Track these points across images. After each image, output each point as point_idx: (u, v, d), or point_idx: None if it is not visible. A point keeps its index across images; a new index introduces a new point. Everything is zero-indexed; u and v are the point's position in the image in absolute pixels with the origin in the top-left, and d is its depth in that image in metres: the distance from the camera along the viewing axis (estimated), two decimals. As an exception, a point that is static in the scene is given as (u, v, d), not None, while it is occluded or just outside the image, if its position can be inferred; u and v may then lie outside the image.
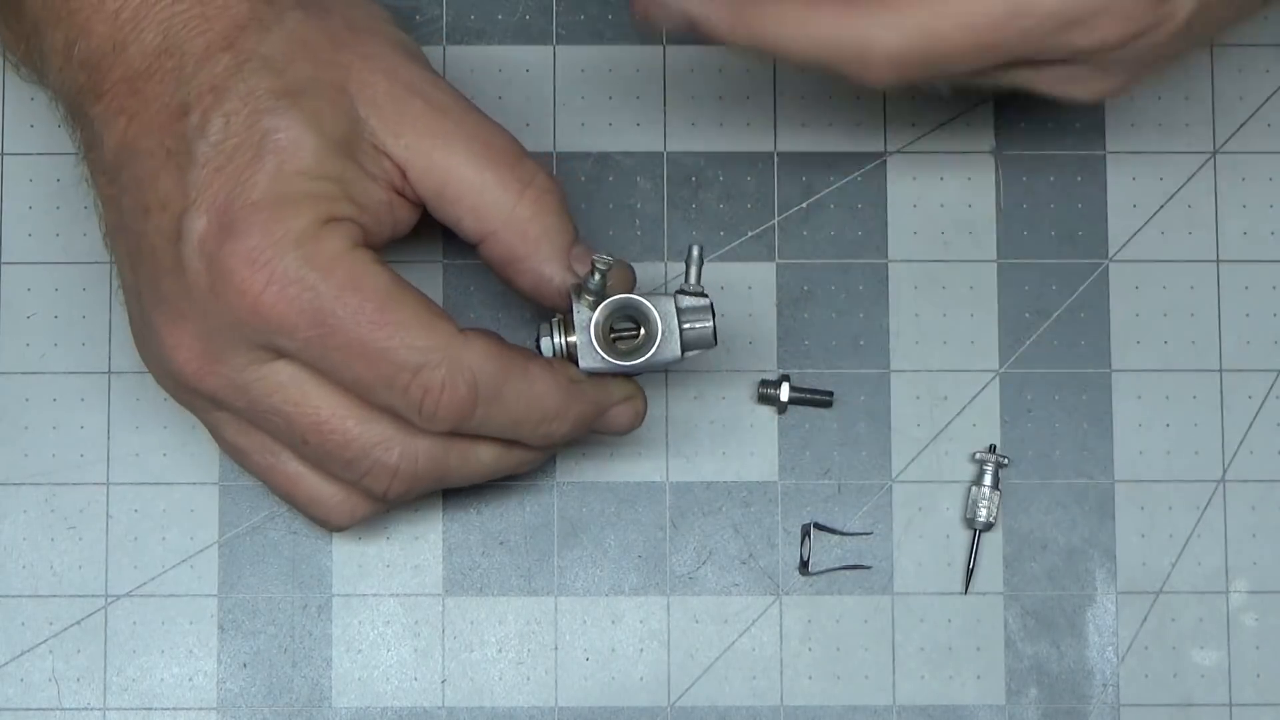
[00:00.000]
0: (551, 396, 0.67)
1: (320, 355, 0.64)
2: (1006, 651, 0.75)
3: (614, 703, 0.75)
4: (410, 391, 0.64)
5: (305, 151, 0.64)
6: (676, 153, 0.76)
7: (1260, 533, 0.76)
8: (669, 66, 0.77)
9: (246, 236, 0.63)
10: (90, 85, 0.65)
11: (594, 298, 0.67)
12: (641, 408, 0.70)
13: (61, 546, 0.75)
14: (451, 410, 0.65)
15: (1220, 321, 0.76)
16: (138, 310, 0.67)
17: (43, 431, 0.75)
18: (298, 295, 0.63)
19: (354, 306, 0.64)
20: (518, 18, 0.77)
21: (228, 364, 0.65)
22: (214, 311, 0.64)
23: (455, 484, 0.68)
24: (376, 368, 0.64)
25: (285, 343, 0.64)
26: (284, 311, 0.63)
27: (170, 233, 0.64)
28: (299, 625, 0.75)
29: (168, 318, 0.65)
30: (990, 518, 0.75)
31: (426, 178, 0.67)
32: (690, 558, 0.75)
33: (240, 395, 0.65)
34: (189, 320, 0.64)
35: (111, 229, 0.67)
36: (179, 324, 0.65)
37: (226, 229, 0.63)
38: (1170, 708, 0.75)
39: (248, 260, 0.63)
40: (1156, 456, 0.76)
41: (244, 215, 0.63)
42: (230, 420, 0.67)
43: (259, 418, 0.66)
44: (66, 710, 0.74)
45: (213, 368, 0.65)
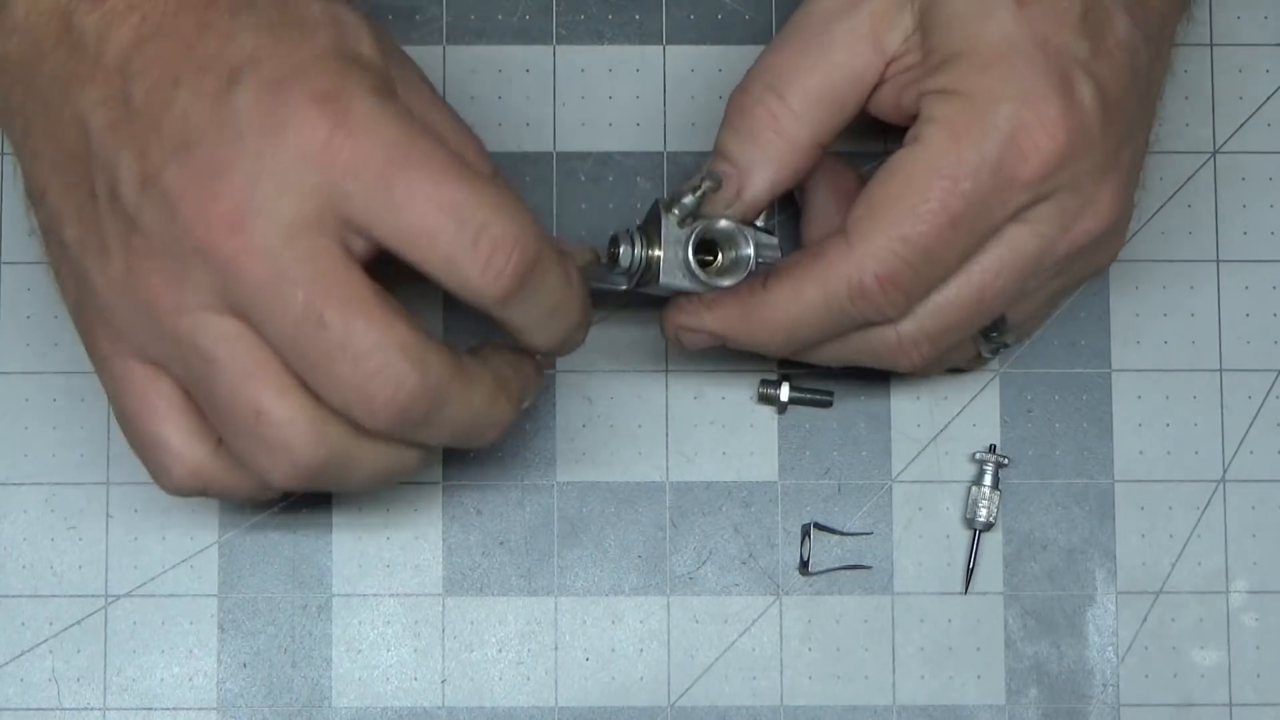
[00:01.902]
0: (574, 283, 0.65)
1: (386, 199, 0.61)
2: (1006, 651, 0.75)
3: (614, 703, 0.75)
4: (481, 243, 0.61)
5: (365, 36, 0.63)
6: (676, 153, 0.76)
7: (1260, 533, 0.76)
8: (669, 66, 0.77)
9: (318, 78, 0.61)
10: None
11: (684, 214, 0.68)
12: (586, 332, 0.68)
13: (61, 546, 0.75)
14: (519, 268, 0.62)
15: (1220, 321, 0.76)
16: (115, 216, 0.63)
17: (43, 431, 0.75)
18: (374, 130, 0.61)
19: (429, 148, 0.61)
20: (518, 18, 0.77)
21: (265, 219, 0.61)
22: (269, 156, 0.61)
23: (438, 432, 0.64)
24: (448, 213, 0.61)
25: (350, 185, 0.61)
26: (360, 147, 0.61)
27: (214, 90, 0.61)
28: (299, 625, 0.75)
29: (200, 175, 0.61)
30: (990, 518, 0.75)
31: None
32: (690, 558, 0.75)
33: (265, 260, 0.61)
34: (232, 171, 0.61)
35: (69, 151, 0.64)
36: (217, 177, 0.61)
37: (293, 75, 0.61)
38: (1170, 708, 0.75)
39: (321, 97, 0.61)
40: (1156, 456, 0.76)
41: (311, 64, 0.61)
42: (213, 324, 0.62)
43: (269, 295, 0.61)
44: (66, 710, 0.74)
45: (248, 223, 0.61)
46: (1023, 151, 0.65)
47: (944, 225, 0.65)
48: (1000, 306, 0.68)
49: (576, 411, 0.75)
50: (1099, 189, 0.66)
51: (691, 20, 0.77)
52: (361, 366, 0.61)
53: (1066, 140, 0.65)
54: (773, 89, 0.68)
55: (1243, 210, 0.77)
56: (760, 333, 0.68)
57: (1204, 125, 0.77)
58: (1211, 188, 0.77)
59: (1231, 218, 0.77)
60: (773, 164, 0.68)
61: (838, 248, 0.66)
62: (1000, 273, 0.67)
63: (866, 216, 0.66)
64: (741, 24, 0.77)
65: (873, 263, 0.65)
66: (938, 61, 0.66)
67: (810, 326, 0.68)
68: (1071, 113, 0.65)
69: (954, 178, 0.65)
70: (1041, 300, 0.70)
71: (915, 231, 0.65)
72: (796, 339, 0.68)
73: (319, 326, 0.61)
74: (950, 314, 0.67)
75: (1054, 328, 0.76)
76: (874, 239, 0.66)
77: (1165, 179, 0.77)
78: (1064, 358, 0.76)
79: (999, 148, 0.65)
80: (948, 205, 0.65)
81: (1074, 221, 0.66)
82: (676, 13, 0.77)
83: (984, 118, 0.65)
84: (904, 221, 0.65)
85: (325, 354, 0.61)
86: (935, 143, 0.65)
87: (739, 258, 0.69)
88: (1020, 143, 0.65)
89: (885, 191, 0.66)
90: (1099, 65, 0.65)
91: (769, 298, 0.67)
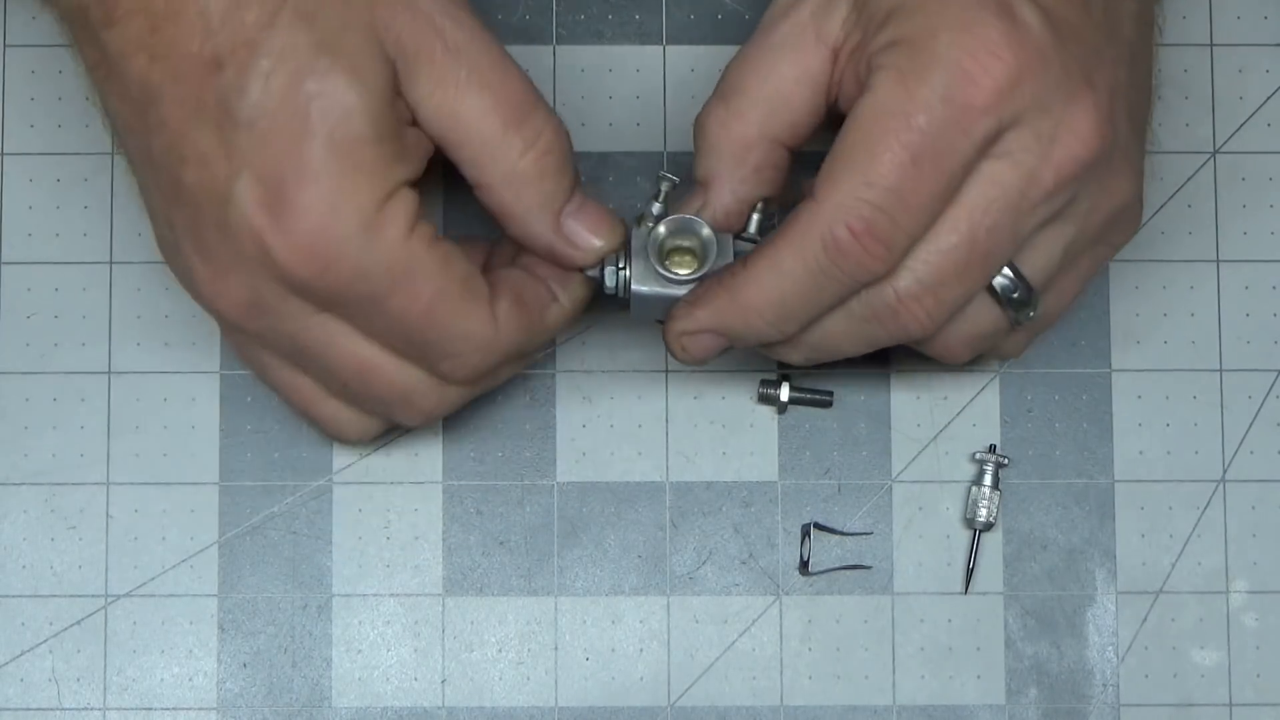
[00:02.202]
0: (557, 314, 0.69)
1: (366, 323, 0.66)
2: (1006, 651, 0.75)
3: (614, 703, 0.75)
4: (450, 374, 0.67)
5: (355, 117, 0.63)
6: (676, 153, 0.76)
7: (1260, 533, 0.76)
8: (669, 66, 0.77)
9: (306, 218, 0.63)
10: (98, 5, 0.64)
11: (654, 223, 0.68)
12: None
13: (61, 546, 0.75)
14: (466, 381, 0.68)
15: (1220, 321, 0.76)
16: (170, 237, 0.66)
17: (43, 431, 0.75)
18: (354, 282, 0.64)
19: (408, 299, 0.65)
20: (518, 18, 0.77)
21: (274, 314, 0.65)
22: (263, 274, 0.64)
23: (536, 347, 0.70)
24: (420, 348, 0.66)
25: (336, 310, 0.65)
26: (339, 291, 0.64)
27: (215, 192, 0.63)
28: (299, 625, 0.75)
29: (211, 267, 0.65)
30: (990, 518, 0.75)
31: (433, 122, 0.66)
32: (690, 558, 0.75)
33: (285, 340, 0.66)
34: (235, 273, 0.64)
35: (137, 152, 0.66)
36: (224, 276, 0.65)
37: (283, 205, 0.63)
38: (1170, 708, 0.75)
39: (306, 244, 0.63)
40: (1156, 456, 0.76)
41: (300, 192, 0.63)
42: (267, 356, 0.68)
43: (301, 358, 0.67)
44: (66, 710, 0.74)
45: (258, 317, 0.65)
46: (971, 76, 0.64)
47: (906, 163, 0.64)
48: (999, 251, 0.66)
49: (576, 411, 0.75)
50: (1071, 109, 0.65)
51: (691, 20, 0.77)
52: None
53: (1014, 58, 0.64)
54: (722, 100, 0.69)
55: (1243, 210, 0.77)
56: (751, 314, 0.67)
57: (1204, 125, 0.77)
58: (1211, 188, 0.77)
59: (1231, 218, 0.77)
60: (728, 167, 0.69)
61: (806, 208, 0.65)
62: (987, 210, 0.65)
63: (829, 171, 0.65)
64: (741, 24, 0.77)
65: (842, 214, 0.64)
66: (879, 22, 0.66)
67: (797, 297, 0.66)
68: (1015, 32, 0.64)
69: (905, 114, 0.64)
70: (1056, 255, 0.67)
71: (878, 175, 0.64)
72: (789, 314, 0.67)
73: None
74: (945, 262, 0.66)
75: (1054, 328, 0.76)
76: (839, 190, 0.65)
77: (1165, 179, 0.77)
78: (1064, 358, 0.76)
79: (946, 77, 0.64)
80: (905, 142, 0.64)
81: (1051, 146, 0.65)
82: (676, 13, 0.77)
83: (926, 52, 0.64)
84: (865, 168, 0.64)
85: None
86: (884, 87, 0.64)
87: (704, 246, 0.68)
88: (966, 67, 0.64)
89: (844, 144, 0.65)
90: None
91: (750, 275, 0.67)
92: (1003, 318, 0.68)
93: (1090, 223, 0.67)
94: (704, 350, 0.69)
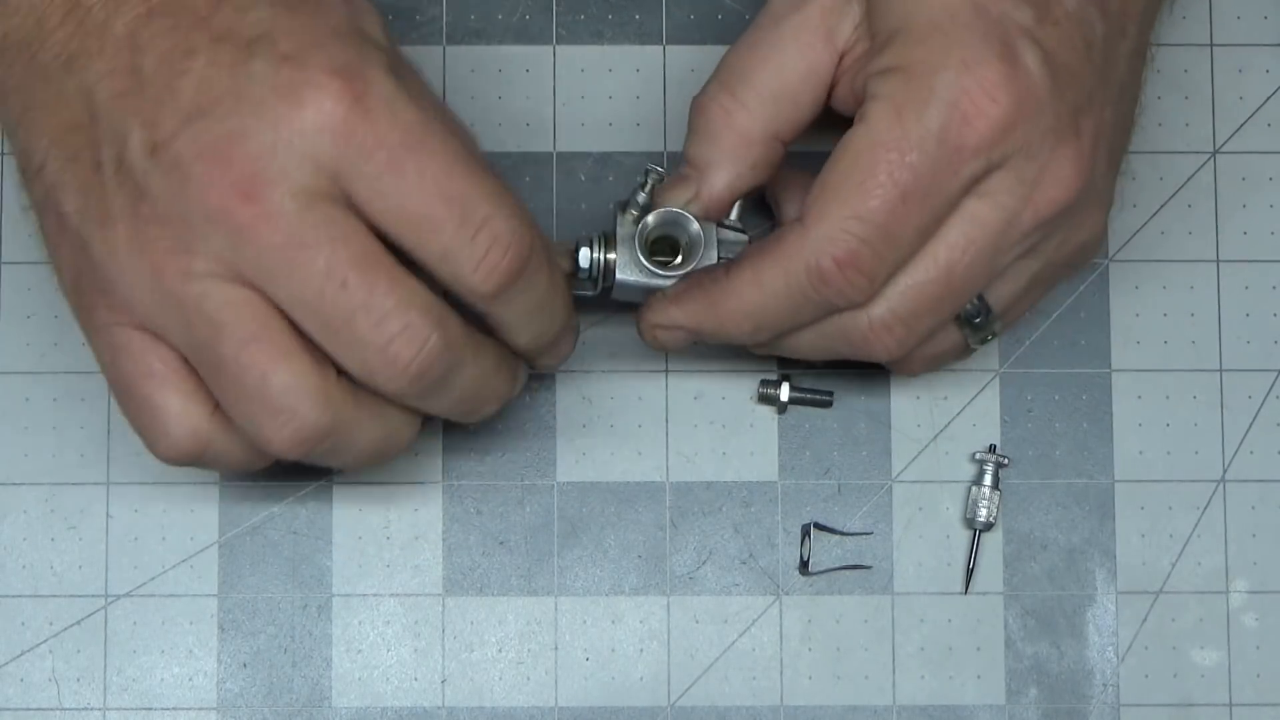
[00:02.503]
0: (559, 288, 0.66)
1: (395, 182, 0.61)
2: (1006, 651, 0.75)
3: (614, 703, 0.75)
4: (479, 238, 0.62)
5: (375, 21, 0.63)
6: (677, 153, 0.76)
7: (1260, 533, 0.76)
8: (669, 66, 0.77)
9: (338, 53, 0.61)
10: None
11: (639, 213, 0.69)
12: (575, 339, 0.70)
13: (61, 546, 0.75)
14: (512, 265, 0.63)
15: (1220, 321, 0.76)
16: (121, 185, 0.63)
17: (43, 431, 0.75)
18: (394, 112, 0.61)
19: (443, 137, 0.62)
20: (518, 18, 0.77)
21: (281, 187, 0.61)
22: (285, 126, 0.61)
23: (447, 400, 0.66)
24: (452, 205, 0.62)
25: (362, 163, 0.61)
26: (376, 125, 0.61)
27: (232, 59, 0.61)
28: (299, 625, 0.75)
29: (215, 142, 0.61)
30: (990, 518, 0.75)
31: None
32: (690, 558, 0.75)
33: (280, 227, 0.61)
34: (248, 138, 0.61)
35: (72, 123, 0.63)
36: (233, 144, 0.61)
37: (315, 44, 0.61)
38: (1170, 708, 0.75)
39: (343, 70, 0.61)
40: (1156, 456, 0.76)
41: (330, 39, 0.62)
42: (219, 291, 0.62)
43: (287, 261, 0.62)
44: (66, 710, 0.74)
45: (263, 191, 0.61)
46: (966, 117, 0.64)
47: (895, 200, 0.65)
48: (972, 286, 0.67)
49: (576, 411, 0.75)
50: (1056, 155, 0.65)
51: (691, 20, 0.77)
52: (385, 327, 0.62)
53: (1011, 103, 0.64)
54: (726, 87, 0.69)
55: (1243, 210, 0.77)
56: (728, 322, 0.68)
57: (1204, 125, 0.77)
58: (1211, 188, 0.77)
59: (1231, 218, 0.77)
60: (728, 159, 0.69)
61: (794, 232, 0.66)
62: (966, 249, 0.66)
63: (819, 199, 0.66)
64: (741, 24, 0.77)
65: (829, 245, 0.65)
66: (881, 42, 0.66)
67: (775, 314, 0.67)
68: (1015, 77, 0.64)
69: (900, 150, 0.64)
70: (1022, 284, 0.69)
71: (867, 209, 0.65)
72: (765, 327, 0.68)
73: (341, 289, 0.61)
74: (920, 296, 0.67)
75: (1054, 328, 0.76)
76: (828, 221, 0.65)
77: (1165, 179, 0.77)
78: (1064, 358, 0.76)
79: (942, 116, 0.64)
80: (897, 179, 0.65)
81: (1033, 190, 0.65)
82: (676, 13, 0.77)
83: (925, 88, 0.64)
84: (855, 200, 0.65)
85: (348, 316, 0.62)
86: (879, 119, 0.65)
87: (690, 242, 0.69)
88: (963, 108, 0.64)
89: (835, 173, 0.66)
90: (1044, 33, 0.65)
91: (732, 286, 0.67)
92: (961, 339, 0.70)
93: (1058, 255, 0.68)
94: (675, 343, 0.70)
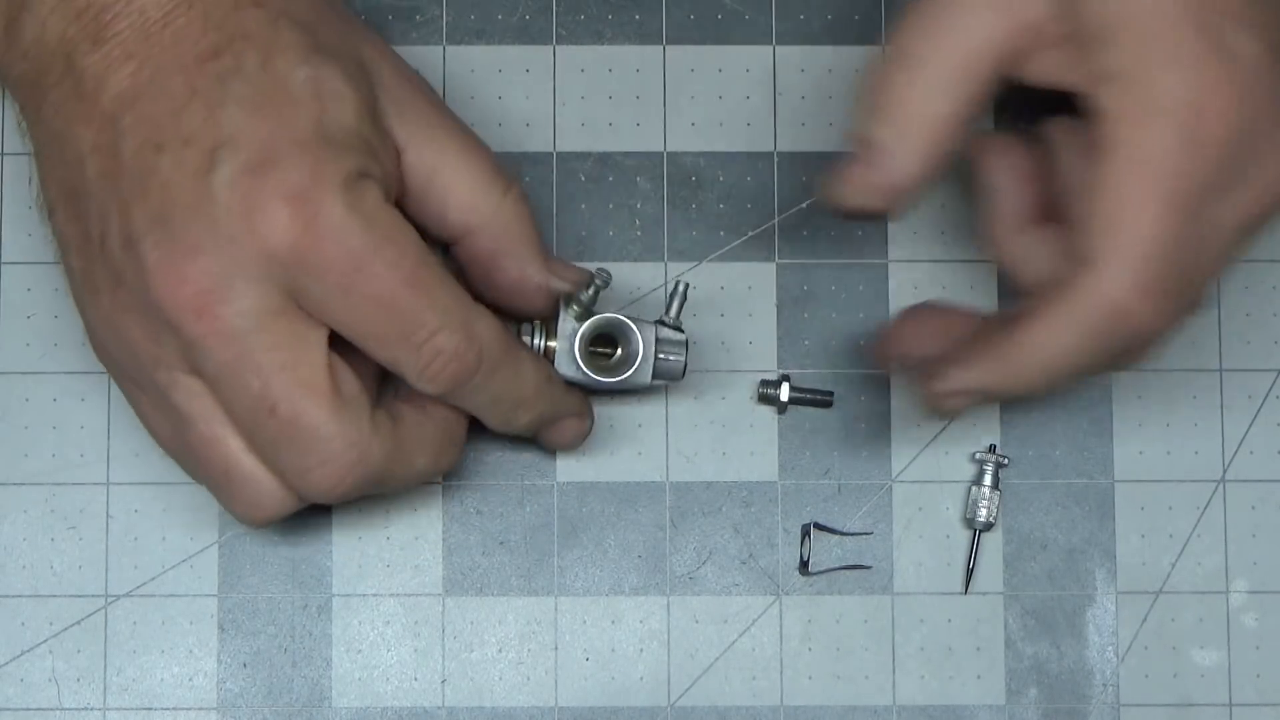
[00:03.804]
0: (531, 385, 0.69)
1: (343, 303, 0.64)
2: (1006, 651, 0.75)
3: (614, 703, 0.75)
4: (423, 350, 0.65)
5: (348, 105, 0.65)
6: (676, 153, 0.76)
7: (1260, 533, 0.76)
8: (669, 66, 0.77)
9: (293, 172, 0.63)
10: (84, 35, 0.64)
11: (582, 310, 0.70)
12: (588, 428, 0.73)
13: (61, 546, 0.75)
14: (456, 375, 0.66)
15: (1220, 321, 0.76)
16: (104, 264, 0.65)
17: (43, 431, 0.75)
18: (339, 239, 0.63)
19: (392, 259, 0.64)
20: (518, 18, 0.77)
21: (233, 306, 0.63)
22: (240, 245, 0.63)
23: (385, 493, 0.70)
24: (397, 322, 0.64)
25: (311, 285, 0.64)
26: (322, 252, 0.63)
27: (195, 167, 0.63)
28: (299, 625, 0.74)
29: (174, 253, 0.63)
30: (990, 518, 0.75)
31: (420, 164, 0.68)
32: (690, 558, 0.75)
33: (229, 345, 0.64)
34: (204, 255, 0.63)
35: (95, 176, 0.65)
36: (189, 259, 0.63)
37: (269, 163, 0.63)
38: (1170, 708, 0.75)
39: (293, 196, 0.63)
40: (1156, 456, 0.76)
41: (289, 152, 0.63)
42: (184, 382, 0.66)
43: (230, 378, 0.64)
44: (66, 710, 0.74)
45: (215, 308, 0.63)
46: (1203, 115, 0.64)
47: (1180, 222, 0.64)
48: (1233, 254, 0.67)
49: (576, 411, 0.75)
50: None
51: (691, 20, 0.77)
52: (306, 457, 0.65)
53: (1236, 96, 0.64)
54: (906, 64, 0.67)
55: (1243, 210, 0.77)
56: (1022, 378, 0.67)
57: (1204, 125, 0.77)
58: (1211, 188, 0.77)
59: (1231, 218, 0.77)
60: (915, 140, 0.67)
61: (1086, 276, 0.65)
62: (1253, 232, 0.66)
63: (1101, 235, 0.65)
64: (741, 24, 0.77)
65: (1129, 280, 0.64)
66: (1093, 36, 0.65)
67: (1070, 360, 0.66)
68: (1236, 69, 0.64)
69: (1170, 174, 0.64)
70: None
71: (1154, 235, 0.64)
72: (1058, 376, 0.67)
73: (269, 415, 0.65)
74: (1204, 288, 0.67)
75: (1054, 328, 0.76)
76: (1119, 258, 0.64)
77: (1165, 179, 0.77)
78: (1064, 358, 0.76)
79: (1187, 125, 0.64)
80: (1174, 202, 0.64)
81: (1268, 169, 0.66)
82: (676, 13, 0.77)
83: (1157, 93, 0.64)
84: (1141, 230, 0.64)
85: (273, 439, 0.65)
86: (1128, 136, 0.64)
87: (629, 352, 0.71)
88: (1199, 109, 0.64)
89: (1105, 204, 0.65)
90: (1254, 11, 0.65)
91: (1025, 342, 0.66)
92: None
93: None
94: (963, 405, 0.69)
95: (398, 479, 0.68)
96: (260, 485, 0.67)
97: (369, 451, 0.66)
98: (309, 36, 0.65)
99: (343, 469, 0.66)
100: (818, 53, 0.77)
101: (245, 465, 0.67)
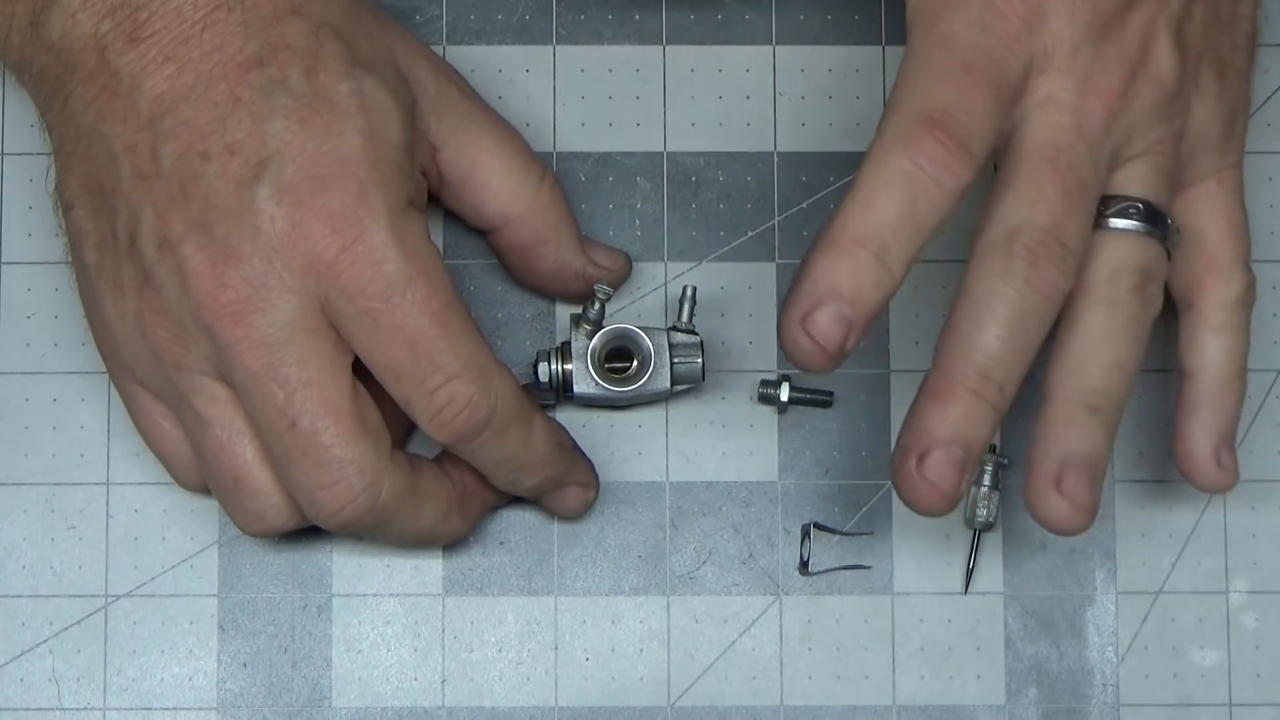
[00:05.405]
0: (540, 450, 0.69)
1: (369, 329, 0.64)
2: (1006, 651, 0.75)
3: (614, 703, 0.75)
4: (437, 395, 0.65)
5: (393, 118, 0.65)
6: (676, 153, 0.76)
7: (1260, 533, 0.76)
8: (669, 66, 0.77)
9: (340, 192, 0.64)
10: (119, 33, 0.65)
11: (591, 326, 0.71)
12: (592, 498, 0.73)
13: (61, 546, 0.75)
14: (464, 427, 0.66)
15: (1220, 321, 0.76)
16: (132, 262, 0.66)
17: (43, 431, 0.75)
18: (378, 264, 0.64)
19: (423, 295, 0.64)
20: (518, 18, 0.77)
21: (267, 316, 0.64)
22: (280, 258, 0.64)
23: (385, 539, 0.70)
24: (418, 360, 0.65)
25: (341, 304, 0.64)
26: (359, 275, 0.64)
27: (240, 177, 0.64)
28: (299, 625, 0.75)
29: (215, 258, 0.64)
30: (990, 518, 0.75)
31: (458, 160, 0.70)
32: (690, 558, 0.75)
33: (260, 354, 0.64)
34: (245, 263, 0.64)
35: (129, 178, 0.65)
36: (231, 265, 0.64)
37: (318, 180, 0.63)
38: (1170, 708, 0.75)
39: (337, 216, 0.64)
40: (1156, 456, 0.76)
41: (338, 170, 0.64)
42: (208, 387, 0.66)
43: (256, 387, 0.65)
44: (66, 710, 0.74)
45: (250, 316, 0.64)
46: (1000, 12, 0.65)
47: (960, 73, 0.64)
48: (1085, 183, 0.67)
49: (577, 412, 0.75)
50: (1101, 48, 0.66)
51: (691, 20, 0.77)
52: (318, 475, 0.65)
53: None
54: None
55: (1243, 210, 0.77)
56: None
57: (1204, 125, 0.77)
58: (1211, 188, 0.77)
59: (1231, 218, 0.77)
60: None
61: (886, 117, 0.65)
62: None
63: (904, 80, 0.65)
64: (741, 24, 0.77)
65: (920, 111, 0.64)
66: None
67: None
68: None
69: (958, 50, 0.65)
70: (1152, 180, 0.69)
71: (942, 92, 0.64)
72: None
73: (289, 428, 0.65)
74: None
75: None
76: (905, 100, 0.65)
77: (1165, 179, 0.77)
78: (1064, 358, 0.76)
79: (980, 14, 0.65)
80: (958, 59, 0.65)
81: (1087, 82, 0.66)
82: (676, 13, 0.77)
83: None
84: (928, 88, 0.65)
85: (289, 453, 0.65)
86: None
87: (642, 359, 0.72)
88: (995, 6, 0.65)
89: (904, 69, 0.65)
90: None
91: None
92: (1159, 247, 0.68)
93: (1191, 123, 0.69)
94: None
95: (401, 525, 0.68)
96: (267, 498, 0.67)
97: (379, 484, 0.66)
98: (347, 48, 0.65)
99: (350, 494, 0.66)
100: (818, 53, 0.77)
101: (256, 475, 0.67)
